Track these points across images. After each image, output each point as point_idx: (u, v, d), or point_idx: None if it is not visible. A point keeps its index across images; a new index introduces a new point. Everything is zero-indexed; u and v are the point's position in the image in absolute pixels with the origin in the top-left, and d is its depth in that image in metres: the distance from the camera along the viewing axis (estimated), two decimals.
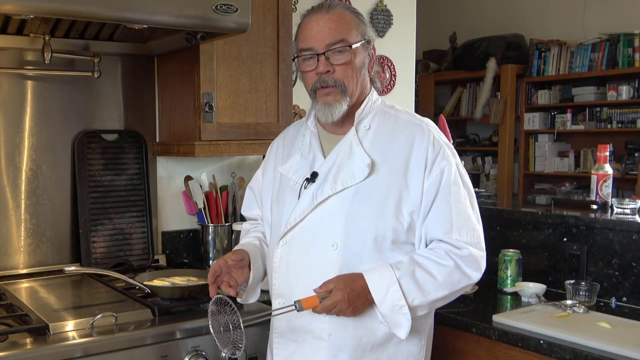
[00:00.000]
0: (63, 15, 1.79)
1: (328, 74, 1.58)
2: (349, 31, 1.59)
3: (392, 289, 1.51)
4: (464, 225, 1.58)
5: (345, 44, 1.57)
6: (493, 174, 5.95)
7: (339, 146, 1.64)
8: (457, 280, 1.56)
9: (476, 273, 1.58)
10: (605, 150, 2.38)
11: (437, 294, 1.55)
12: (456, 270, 1.55)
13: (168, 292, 1.93)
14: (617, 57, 4.99)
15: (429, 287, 1.53)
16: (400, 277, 1.52)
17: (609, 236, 2.14)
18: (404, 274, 1.52)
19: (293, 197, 1.65)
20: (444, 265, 1.55)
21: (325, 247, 1.58)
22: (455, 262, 1.55)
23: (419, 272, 1.53)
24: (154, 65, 2.49)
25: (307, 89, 1.65)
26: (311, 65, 1.59)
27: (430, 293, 1.54)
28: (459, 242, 1.56)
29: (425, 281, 1.53)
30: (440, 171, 1.57)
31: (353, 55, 1.58)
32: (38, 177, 2.26)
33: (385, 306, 1.52)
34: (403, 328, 1.53)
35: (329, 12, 1.59)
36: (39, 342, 1.60)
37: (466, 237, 1.57)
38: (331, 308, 1.50)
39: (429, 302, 1.56)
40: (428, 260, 1.55)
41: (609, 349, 1.63)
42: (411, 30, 3.25)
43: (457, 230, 1.57)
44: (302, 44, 1.61)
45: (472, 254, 1.57)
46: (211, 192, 2.52)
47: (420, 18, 3.32)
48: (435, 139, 1.60)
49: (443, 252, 1.56)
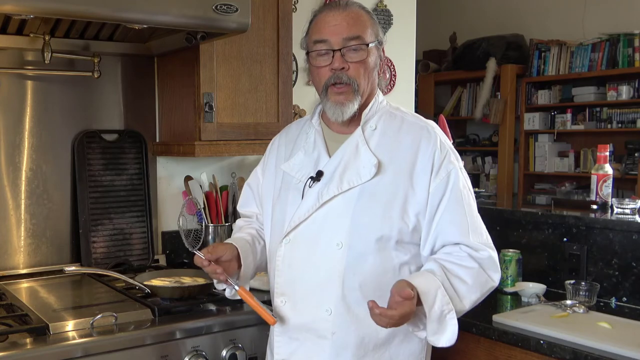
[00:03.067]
0: (63, 15, 1.79)
1: (342, 71, 1.57)
2: (365, 30, 1.59)
3: (439, 294, 1.47)
4: (478, 227, 1.59)
5: (361, 41, 1.57)
6: (493, 174, 5.95)
7: (345, 145, 1.63)
8: (484, 282, 1.55)
9: (497, 274, 1.58)
10: (605, 150, 2.38)
11: (470, 298, 1.53)
12: (482, 271, 1.55)
13: (168, 292, 1.93)
14: (617, 57, 4.99)
15: (462, 292, 1.52)
16: (442, 283, 1.49)
17: (609, 236, 2.14)
18: (443, 280, 1.49)
19: (296, 195, 1.65)
20: (471, 267, 1.54)
21: (329, 246, 1.57)
22: (479, 264, 1.55)
23: (451, 277, 1.52)
24: (154, 65, 2.49)
25: (317, 85, 1.63)
26: (326, 61, 1.58)
27: (464, 297, 1.52)
28: (477, 244, 1.56)
29: (459, 286, 1.52)
30: (447, 174, 1.57)
31: (367, 55, 1.58)
32: (38, 177, 2.26)
33: (434, 313, 1.47)
34: (446, 335, 1.48)
35: (347, 10, 1.59)
36: (39, 342, 1.60)
37: (481, 239, 1.58)
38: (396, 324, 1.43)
39: (465, 309, 1.53)
40: (454, 265, 1.53)
41: (609, 349, 1.63)
42: (411, 30, 3.25)
43: (473, 232, 1.57)
44: (317, 36, 1.59)
45: (491, 255, 1.57)
46: (211, 192, 2.52)
47: (420, 18, 3.32)
48: (442, 143, 1.61)
49: (465, 255, 1.55)
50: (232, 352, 1.82)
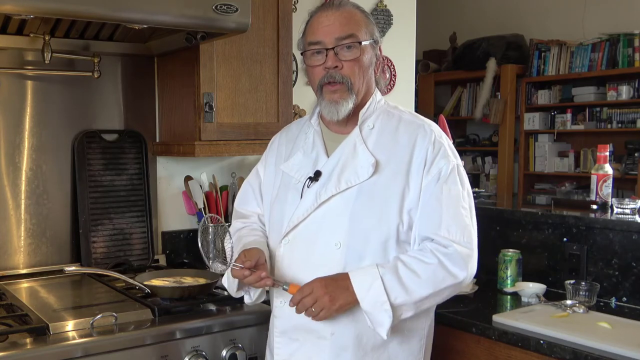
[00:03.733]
0: (63, 15, 1.79)
1: (336, 70, 1.58)
2: (359, 28, 1.59)
3: (375, 284, 1.50)
4: (454, 222, 1.56)
5: (354, 39, 1.57)
6: (493, 174, 5.95)
7: (343, 145, 1.64)
8: (440, 279, 1.54)
9: (462, 272, 1.55)
10: (605, 150, 2.38)
11: (420, 293, 1.53)
12: (440, 268, 1.53)
13: (168, 292, 1.93)
14: (617, 57, 4.99)
15: (412, 286, 1.52)
16: (384, 274, 1.51)
17: (609, 236, 2.14)
18: (387, 272, 1.52)
19: (295, 195, 1.65)
20: (428, 263, 1.53)
21: (328, 246, 1.58)
22: (440, 259, 1.53)
23: (402, 270, 1.52)
24: (154, 65, 2.49)
25: (313, 85, 1.65)
26: (319, 60, 1.59)
27: (414, 292, 1.52)
28: (446, 239, 1.55)
29: (409, 279, 1.51)
30: (438, 170, 1.58)
31: (361, 53, 1.59)
32: (38, 177, 2.26)
33: (367, 302, 1.50)
34: (384, 326, 1.51)
35: (340, 9, 1.60)
36: (39, 342, 1.60)
37: (455, 235, 1.55)
38: (307, 292, 1.50)
39: (413, 302, 1.53)
40: (412, 259, 1.54)
41: (609, 349, 1.63)
42: (411, 30, 3.25)
43: (446, 228, 1.55)
44: (311, 38, 1.60)
45: (457, 251, 1.54)
46: (211, 192, 2.52)
47: (420, 18, 3.32)
48: (436, 139, 1.61)
49: (428, 250, 1.55)
50: (232, 352, 1.82)
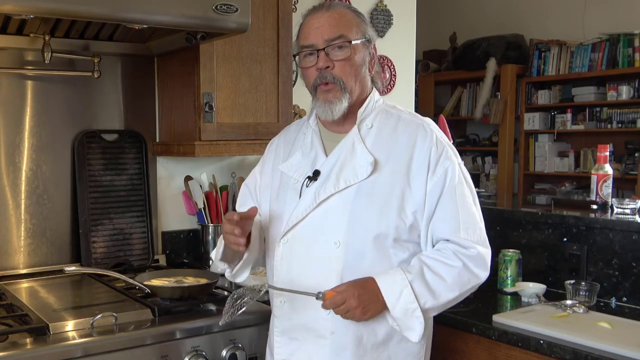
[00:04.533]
0: (63, 15, 1.79)
1: (327, 70, 1.58)
2: (349, 28, 1.60)
3: (404, 292, 1.51)
4: (471, 224, 1.59)
5: (344, 39, 1.58)
6: (493, 174, 5.95)
7: (342, 144, 1.64)
8: (466, 281, 1.57)
9: (484, 272, 1.59)
10: (605, 150, 2.38)
11: (447, 296, 1.56)
12: (465, 270, 1.56)
13: (168, 292, 1.93)
14: (617, 57, 4.99)
15: (439, 290, 1.54)
16: (412, 280, 1.52)
17: (609, 236, 2.14)
18: (415, 277, 1.53)
19: (294, 195, 1.65)
20: (453, 266, 1.55)
21: (327, 245, 1.58)
22: (464, 262, 1.56)
23: (428, 274, 1.54)
24: (154, 65, 2.49)
25: (308, 86, 1.66)
26: (311, 62, 1.60)
27: (441, 295, 1.55)
28: (467, 241, 1.57)
29: (436, 283, 1.54)
30: (444, 171, 1.58)
31: (353, 52, 1.59)
32: (38, 177, 2.26)
33: (399, 310, 1.52)
34: (415, 331, 1.54)
35: (330, 11, 1.61)
36: (39, 342, 1.60)
37: (473, 236, 1.58)
38: (340, 303, 1.49)
39: (441, 305, 1.57)
40: (437, 262, 1.55)
41: (609, 349, 1.63)
42: (411, 30, 3.25)
43: (465, 230, 1.57)
44: (303, 41, 1.62)
45: (480, 253, 1.57)
46: (211, 192, 2.52)
47: (420, 18, 3.32)
48: (438, 139, 1.61)
49: (451, 253, 1.56)
50: (232, 352, 1.82)
